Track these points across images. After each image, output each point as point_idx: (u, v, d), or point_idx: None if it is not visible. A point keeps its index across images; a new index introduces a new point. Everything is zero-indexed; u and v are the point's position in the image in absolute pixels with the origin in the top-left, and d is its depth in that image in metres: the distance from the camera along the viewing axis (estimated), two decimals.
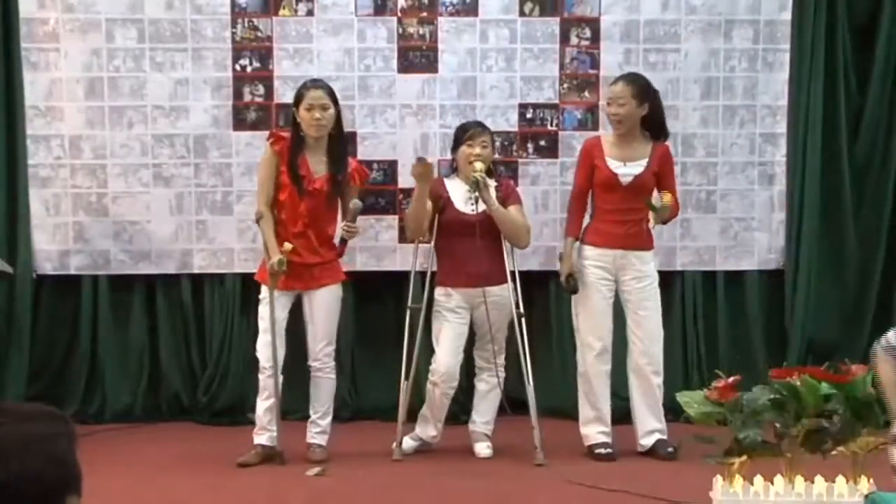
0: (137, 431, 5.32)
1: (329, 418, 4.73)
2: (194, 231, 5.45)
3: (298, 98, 4.61)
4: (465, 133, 4.76)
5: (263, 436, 4.62)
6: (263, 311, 4.59)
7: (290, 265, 4.51)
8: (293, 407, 5.01)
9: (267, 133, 4.89)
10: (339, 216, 4.69)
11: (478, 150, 4.69)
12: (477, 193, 4.59)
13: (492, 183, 4.77)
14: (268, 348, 4.55)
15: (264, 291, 4.60)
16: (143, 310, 5.54)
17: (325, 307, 4.65)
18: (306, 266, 4.60)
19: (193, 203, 5.43)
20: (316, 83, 4.67)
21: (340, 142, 4.68)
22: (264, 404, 4.60)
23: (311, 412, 4.73)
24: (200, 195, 5.43)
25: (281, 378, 4.61)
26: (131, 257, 5.44)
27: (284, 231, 4.59)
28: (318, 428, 4.71)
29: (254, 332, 4.78)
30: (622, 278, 4.74)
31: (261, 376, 4.62)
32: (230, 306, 5.46)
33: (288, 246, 4.49)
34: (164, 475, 4.46)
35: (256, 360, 4.66)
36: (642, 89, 4.69)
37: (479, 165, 4.62)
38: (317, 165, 4.61)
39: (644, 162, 4.71)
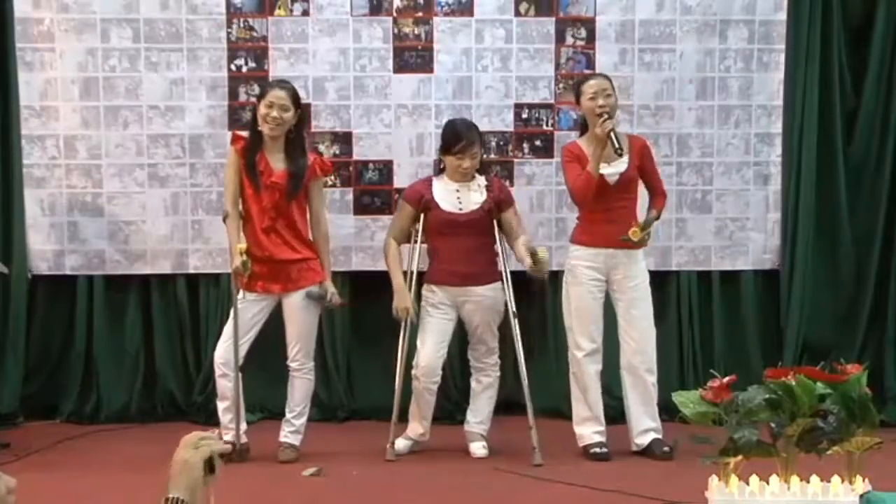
0: (132, 431, 5.32)
1: (304, 418, 4.72)
2: (189, 231, 5.45)
3: (262, 94, 4.59)
4: (457, 142, 4.67)
5: (227, 435, 4.63)
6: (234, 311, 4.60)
7: (266, 263, 4.52)
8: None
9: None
10: (308, 214, 4.69)
11: (467, 163, 4.68)
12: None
13: (482, 182, 4.77)
14: (223, 346, 4.58)
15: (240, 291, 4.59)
16: (139, 310, 5.54)
17: (302, 308, 4.62)
18: (282, 264, 4.58)
19: (189, 203, 5.43)
20: (281, 83, 4.65)
21: (298, 143, 4.65)
22: (222, 405, 4.64)
23: (286, 411, 4.73)
24: (196, 195, 5.43)
25: (240, 375, 4.58)
26: (126, 257, 5.44)
27: (253, 227, 4.57)
28: (292, 427, 4.70)
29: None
30: (613, 277, 4.73)
31: (219, 379, 4.63)
32: (225, 306, 5.42)
33: (242, 246, 4.46)
34: (159, 475, 4.42)
35: (251, 360, 4.65)
36: (612, 83, 4.72)
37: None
38: (276, 162, 4.59)
39: (625, 158, 4.70)
